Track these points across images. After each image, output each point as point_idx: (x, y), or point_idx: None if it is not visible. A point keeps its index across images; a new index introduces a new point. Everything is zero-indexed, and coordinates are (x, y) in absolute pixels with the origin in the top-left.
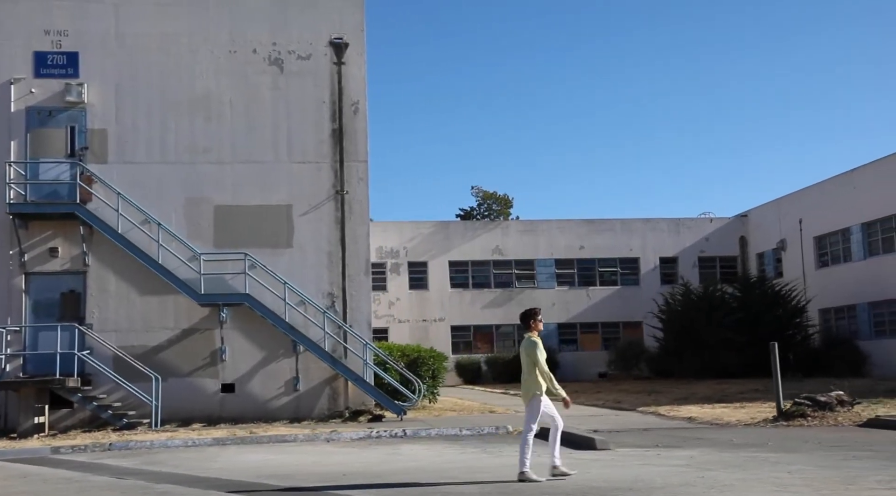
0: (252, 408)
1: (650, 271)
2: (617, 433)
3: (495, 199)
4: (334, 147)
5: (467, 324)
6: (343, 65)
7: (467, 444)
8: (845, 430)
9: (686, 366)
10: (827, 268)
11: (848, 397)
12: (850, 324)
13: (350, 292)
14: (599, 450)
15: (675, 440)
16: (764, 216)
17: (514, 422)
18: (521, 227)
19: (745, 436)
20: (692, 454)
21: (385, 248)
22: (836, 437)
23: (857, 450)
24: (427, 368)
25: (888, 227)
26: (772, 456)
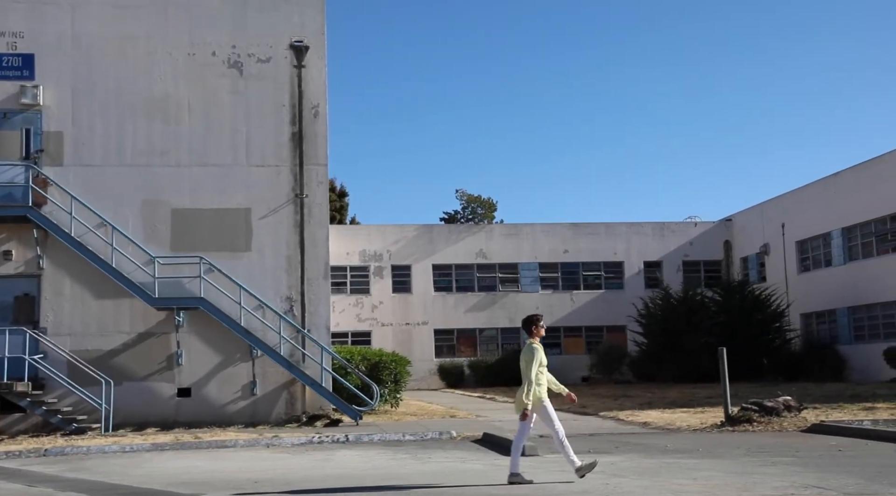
0: (208, 412)
1: (634, 275)
2: (542, 438)
3: (479, 202)
4: (294, 150)
5: (451, 327)
6: (303, 68)
7: (403, 450)
8: (785, 436)
9: (666, 370)
10: (808, 272)
11: (795, 403)
12: (830, 329)
13: (309, 296)
14: (527, 456)
15: (611, 445)
16: (748, 220)
17: (471, 426)
18: (505, 231)
19: (684, 441)
20: (617, 460)
21: (368, 251)
22: (771, 443)
23: (782, 455)
24: (389, 373)
25: (867, 231)
26: (692, 462)
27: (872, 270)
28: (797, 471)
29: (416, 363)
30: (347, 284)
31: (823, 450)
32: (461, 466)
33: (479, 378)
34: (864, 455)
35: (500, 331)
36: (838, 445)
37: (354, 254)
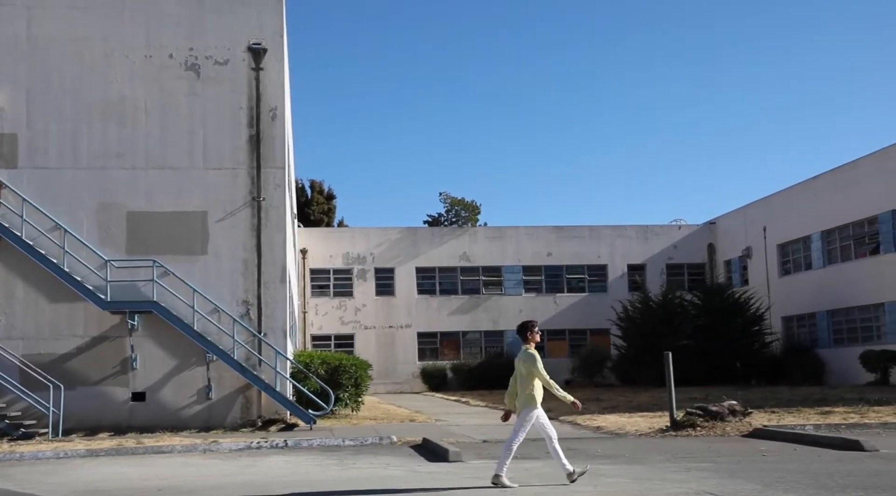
0: (163, 416)
1: (618, 278)
2: (495, 444)
3: (463, 205)
4: (251, 153)
5: (434, 330)
6: (261, 70)
7: (335, 456)
8: (722, 440)
9: (645, 373)
10: (789, 275)
11: (741, 407)
12: (810, 333)
13: (265, 300)
14: (451, 462)
15: (543, 451)
16: (731, 223)
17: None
18: (489, 234)
19: (619, 447)
20: (536, 466)
21: (352, 253)
22: (701, 448)
23: (702, 461)
24: (349, 377)
25: (846, 234)
26: (608, 468)
27: (851, 274)
28: (704, 477)
29: (399, 366)
30: (331, 287)
31: (748, 455)
32: (380, 472)
33: (462, 381)
34: (784, 460)
35: (483, 334)
36: (767, 450)
37: (338, 257)
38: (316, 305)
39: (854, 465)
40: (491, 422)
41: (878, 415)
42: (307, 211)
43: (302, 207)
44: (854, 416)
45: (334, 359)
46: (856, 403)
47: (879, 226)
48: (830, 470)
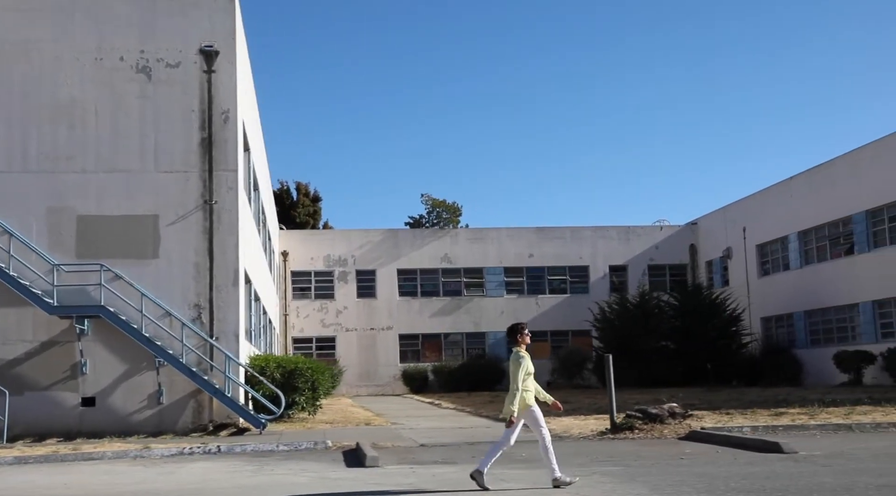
0: (113, 421)
1: (600, 279)
2: (431, 447)
3: (445, 206)
4: (203, 156)
5: (415, 332)
6: (213, 73)
7: (259, 462)
8: (653, 443)
9: (622, 375)
10: (768, 276)
11: (681, 409)
12: (788, 333)
13: (217, 303)
14: (367, 468)
15: (469, 455)
16: (712, 224)
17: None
18: (470, 235)
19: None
20: (447, 471)
21: (333, 256)
22: (627, 451)
23: (618, 464)
24: (305, 380)
25: (822, 235)
26: (514, 473)
27: (826, 274)
28: (603, 481)
29: (381, 368)
30: (312, 289)
31: (667, 458)
32: (289, 479)
33: (443, 383)
34: (697, 464)
35: (465, 335)
36: (692, 453)
37: (319, 259)
38: (297, 308)
39: (760, 468)
40: (447, 425)
41: (828, 416)
42: (293, 213)
43: (287, 210)
44: (803, 417)
45: (289, 362)
46: (814, 404)
47: (853, 226)
48: (733, 473)
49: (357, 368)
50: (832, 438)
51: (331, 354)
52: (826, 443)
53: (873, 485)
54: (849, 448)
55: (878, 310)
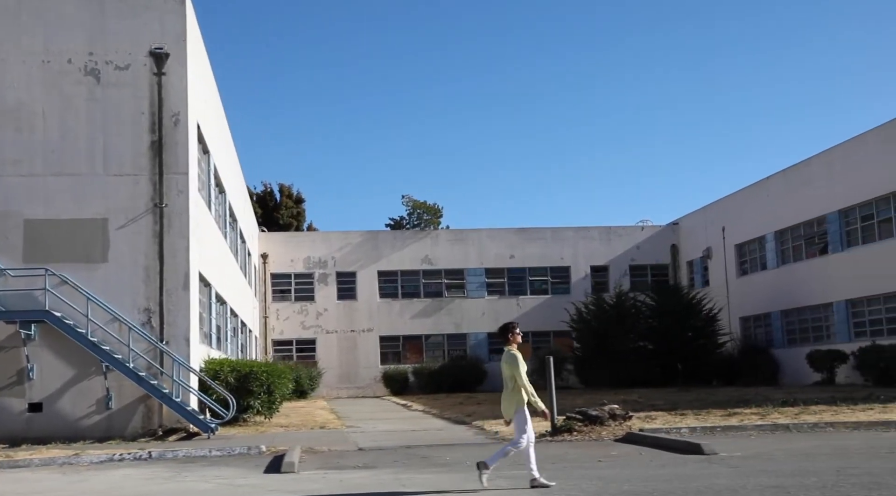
0: (61, 427)
1: (581, 280)
2: (368, 451)
3: (425, 208)
4: (153, 159)
5: (396, 334)
6: (163, 75)
7: (182, 468)
8: (587, 445)
9: (599, 375)
10: (746, 276)
11: (621, 411)
12: (766, 333)
13: (168, 307)
14: (282, 473)
15: (393, 458)
16: (693, 224)
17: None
18: (451, 237)
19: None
20: (345, 477)
21: (313, 258)
22: (556, 454)
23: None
24: (260, 384)
25: (797, 234)
26: (405, 477)
27: (802, 274)
28: (501, 485)
29: (362, 370)
30: (292, 292)
31: (589, 460)
32: (195, 486)
33: (423, 384)
34: (611, 466)
35: (446, 337)
36: (617, 455)
37: (299, 262)
38: (277, 310)
39: (668, 470)
40: (403, 428)
41: (778, 416)
42: (276, 215)
43: (271, 211)
44: (754, 417)
45: (244, 366)
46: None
47: (827, 226)
48: (638, 475)
49: (337, 370)
50: (765, 439)
51: (311, 357)
52: (753, 444)
53: (766, 485)
54: (771, 448)
55: (851, 309)
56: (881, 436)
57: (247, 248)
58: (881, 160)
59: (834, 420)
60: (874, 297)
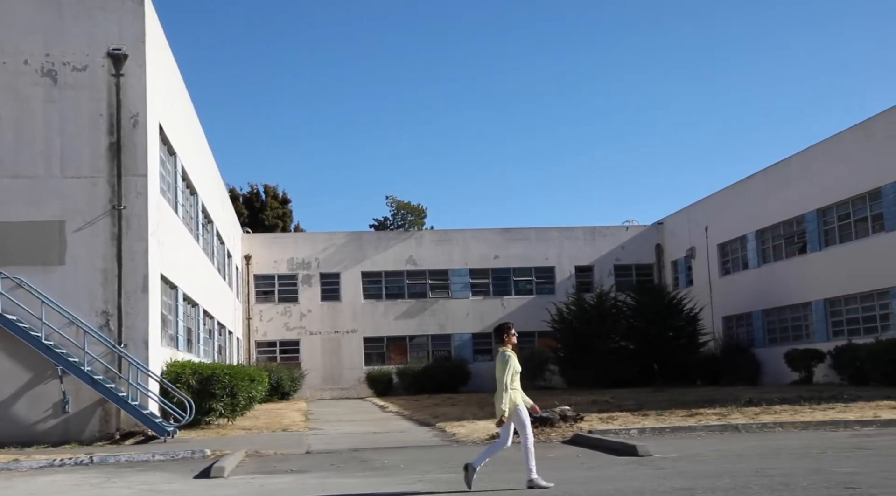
0: (16, 431)
1: (566, 280)
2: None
3: (409, 208)
4: (111, 161)
5: (380, 335)
6: (122, 76)
7: (114, 474)
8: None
9: (582, 375)
10: (729, 275)
11: (573, 413)
12: (747, 332)
13: (126, 310)
14: (210, 478)
15: (339, 462)
16: (677, 224)
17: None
18: (435, 237)
19: (419, 456)
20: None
21: (297, 259)
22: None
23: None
24: (222, 386)
25: (777, 234)
26: (336, 481)
27: (782, 273)
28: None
29: (346, 371)
30: (275, 293)
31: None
32: (117, 492)
33: (407, 385)
34: (548, 468)
35: (430, 337)
36: (554, 457)
37: (282, 263)
38: (260, 311)
39: (595, 472)
40: (365, 430)
41: (741, 417)
42: (262, 216)
43: (257, 212)
44: (713, 418)
45: (206, 368)
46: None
47: (806, 225)
48: (558, 478)
49: (321, 372)
50: (709, 440)
51: (295, 358)
52: (694, 445)
53: (678, 487)
54: (708, 450)
55: (829, 308)
56: (826, 436)
57: (226, 250)
58: (857, 159)
59: (791, 420)
60: (851, 296)
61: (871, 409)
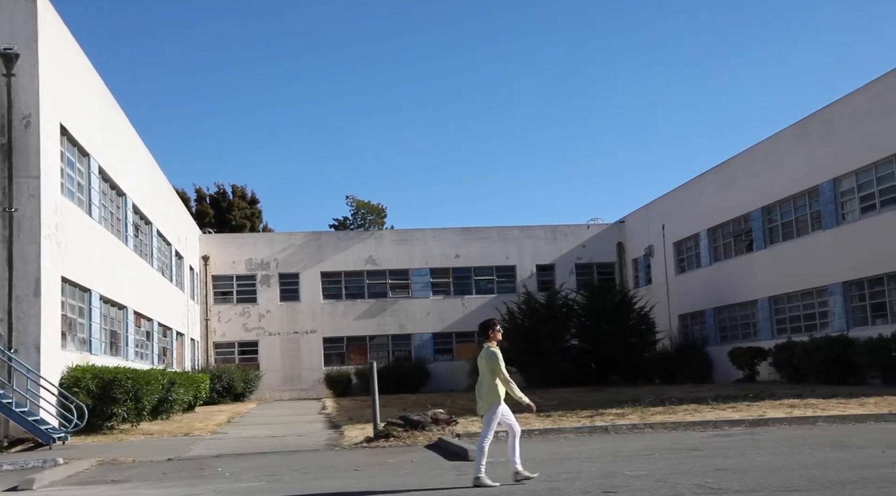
0: None
1: (527, 279)
2: (176, 461)
3: (370, 208)
4: (2, 162)
5: (340, 335)
6: (13, 76)
7: None
8: (390, 452)
9: (530, 375)
10: (684, 273)
11: (445, 416)
12: (701, 330)
13: (17, 315)
14: (19, 491)
15: (175, 471)
16: (637, 222)
17: (158, 449)
18: (396, 237)
19: (275, 462)
20: (97, 491)
21: (255, 259)
22: (345, 461)
23: (281, 479)
24: (125, 391)
25: (727, 232)
26: (141, 492)
27: (731, 271)
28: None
29: (305, 372)
30: (234, 294)
31: (366, 467)
32: None
33: (365, 386)
34: (375, 475)
35: (390, 338)
36: (394, 463)
37: (241, 263)
38: (219, 312)
39: (405, 479)
40: (267, 434)
41: (637, 417)
42: (228, 216)
43: (223, 212)
44: (610, 418)
45: (108, 373)
46: (646, 404)
47: (752, 223)
48: (367, 484)
49: (280, 372)
50: (564, 442)
51: (253, 359)
52: (545, 448)
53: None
54: (551, 453)
55: (773, 306)
56: (685, 436)
57: (173, 251)
58: (796, 158)
59: (663, 420)
60: (793, 294)
61: (761, 409)
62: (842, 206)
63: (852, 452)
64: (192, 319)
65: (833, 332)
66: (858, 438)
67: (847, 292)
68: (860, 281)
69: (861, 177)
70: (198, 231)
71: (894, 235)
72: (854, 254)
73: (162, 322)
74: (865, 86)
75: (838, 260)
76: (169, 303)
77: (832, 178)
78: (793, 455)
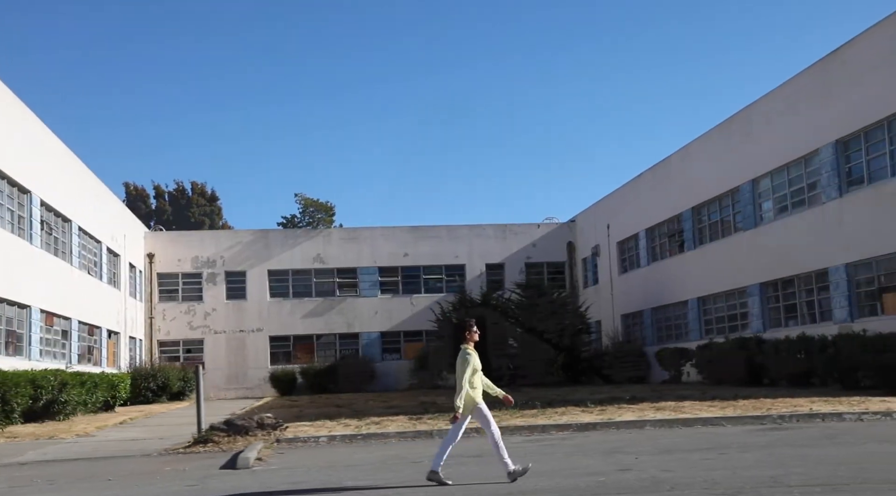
0: None
1: (476, 278)
2: (39, 464)
3: (318, 206)
4: None
5: (287, 334)
6: None
7: None
8: (205, 458)
9: None
10: (626, 273)
11: (272, 420)
12: (641, 330)
13: None
14: None
15: None
16: (586, 221)
17: (14, 452)
18: (344, 235)
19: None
20: None
21: (201, 257)
22: (149, 470)
23: None
24: (16, 393)
25: (662, 232)
26: None
27: (666, 271)
28: None
29: (250, 371)
30: (179, 292)
31: (135, 477)
32: None
33: (310, 385)
34: (150, 482)
35: (338, 336)
36: (169, 471)
37: (186, 261)
38: (163, 310)
39: (167, 487)
40: (134, 437)
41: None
42: (187, 213)
43: (182, 209)
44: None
45: None
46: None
47: (683, 223)
48: (136, 492)
49: (225, 371)
50: (377, 447)
51: (198, 357)
52: (329, 455)
53: None
54: (326, 461)
55: (702, 306)
56: (534, 439)
57: (104, 248)
58: (721, 157)
59: (504, 425)
60: (718, 295)
61: (618, 413)
62: (759, 207)
63: (613, 458)
64: (133, 317)
65: (751, 333)
66: (642, 445)
67: (764, 293)
68: (775, 282)
69: (776, 178)
70: (143, 228)
71: (804, 237)
72: (769, 255)
73: (85, 320)
74: (781, 86)
75: (756, 261)
76: (96, 301)
77: (751, 179)
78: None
